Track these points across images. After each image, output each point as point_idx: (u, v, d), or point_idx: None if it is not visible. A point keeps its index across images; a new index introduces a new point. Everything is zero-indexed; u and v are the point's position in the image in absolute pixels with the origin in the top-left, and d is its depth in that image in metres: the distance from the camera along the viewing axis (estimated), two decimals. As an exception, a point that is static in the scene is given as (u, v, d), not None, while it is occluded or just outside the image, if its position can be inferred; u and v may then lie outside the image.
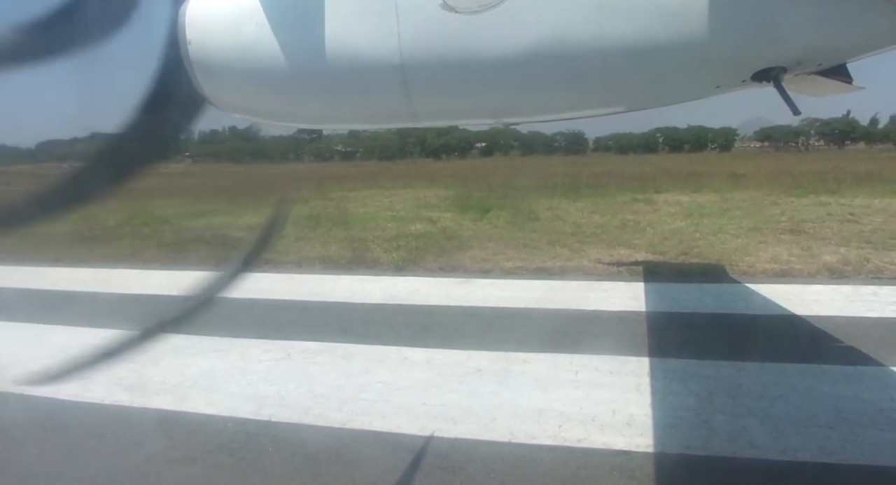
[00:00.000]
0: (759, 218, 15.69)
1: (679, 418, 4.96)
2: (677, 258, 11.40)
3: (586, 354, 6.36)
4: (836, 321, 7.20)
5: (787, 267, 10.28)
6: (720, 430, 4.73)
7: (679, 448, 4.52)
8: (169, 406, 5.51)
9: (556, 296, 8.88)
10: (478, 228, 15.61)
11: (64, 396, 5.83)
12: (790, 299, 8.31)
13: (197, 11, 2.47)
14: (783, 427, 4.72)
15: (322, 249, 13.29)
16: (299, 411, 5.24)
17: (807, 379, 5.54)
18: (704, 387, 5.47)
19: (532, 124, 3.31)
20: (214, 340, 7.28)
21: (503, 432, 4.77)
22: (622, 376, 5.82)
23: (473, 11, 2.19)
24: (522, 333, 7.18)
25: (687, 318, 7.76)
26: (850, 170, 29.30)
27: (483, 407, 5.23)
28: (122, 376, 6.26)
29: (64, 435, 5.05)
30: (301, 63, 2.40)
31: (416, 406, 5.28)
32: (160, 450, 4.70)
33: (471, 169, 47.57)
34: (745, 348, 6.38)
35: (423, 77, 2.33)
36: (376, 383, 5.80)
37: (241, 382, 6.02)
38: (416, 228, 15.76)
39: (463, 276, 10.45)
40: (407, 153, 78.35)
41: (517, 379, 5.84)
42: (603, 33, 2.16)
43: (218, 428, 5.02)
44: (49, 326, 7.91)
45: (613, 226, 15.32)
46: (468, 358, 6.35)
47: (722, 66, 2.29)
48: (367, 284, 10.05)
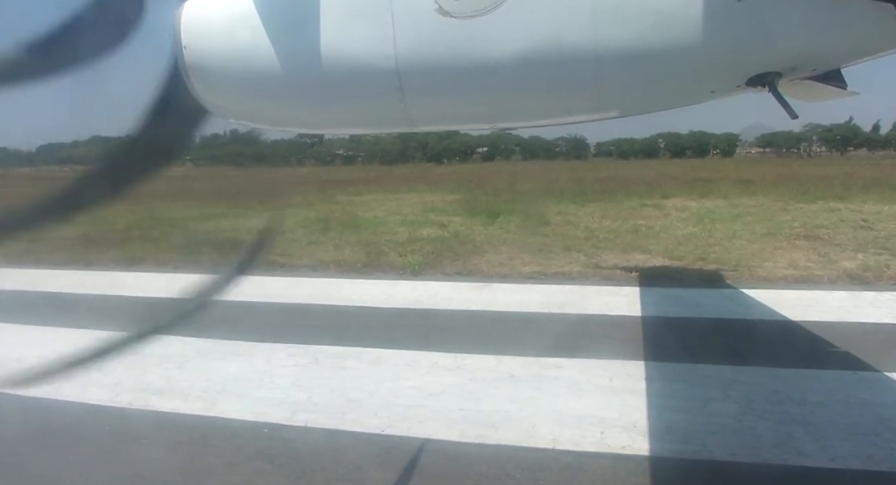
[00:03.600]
0: (771, 224, 15.66)
1: (721, 425, 4.89)
2: (695, 263, 11.35)
3: (617, 360, 6.28)
4: (866, 328, 7.16)
5: (807, 273, 10.23)
6: (765, 437, 4.66)
7: (726, 456, 4.44)
8: (201, 411, 5.42)
9: (579, 300, 8.82)
10: (489, 233, 15.55)
11: (92, 400, 5.77)
12: (815, 306, 8.27)
13: (192, 16, 2.46)
14: (828, 434, 4.65)
15: (335, 252, 13.23)
16: (335, 417, 5.16)
17: (846, 386, 5.48)
18: (743, 393, 5.40)
19: (527, 129, 3.32)
20: (237, 344, 7.21)
21: (546, 438, 4.69)
22: (656, 382, 5.74)
23: (469, 16, 2.19)
24: (549, 339, 7.12)
25: (713, 323, 7.70)
26: (857, 176, 29.34)
27: (522, 413, 5.16)
28: (149, 380, 6.21)
29: (98, 440, 4.96)
30: (296, 68, 2.40)
31: (454, 412, 5.21)
32: (198, 456, 4.61)
33: (473, 173, 47.61)
34: (778, 355, 6.34)
35: (419, 82, 2.33)
36: (409, 389, 5.73)
37: (270, 386, 5.94)
38: (427, 233, 15.71)
39: (481, 280, 10.39)
40: (408, 157, 78.37)
41: (552, 384, 5.77)
42: (598, 38, 2.17)
43: (253, 434, 4.94)
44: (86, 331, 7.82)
45: (625, 231, 15.28)
46: (499, 363, 6.29)
47: (716, 71, 2.30)
48: (385, 289, 9.98)
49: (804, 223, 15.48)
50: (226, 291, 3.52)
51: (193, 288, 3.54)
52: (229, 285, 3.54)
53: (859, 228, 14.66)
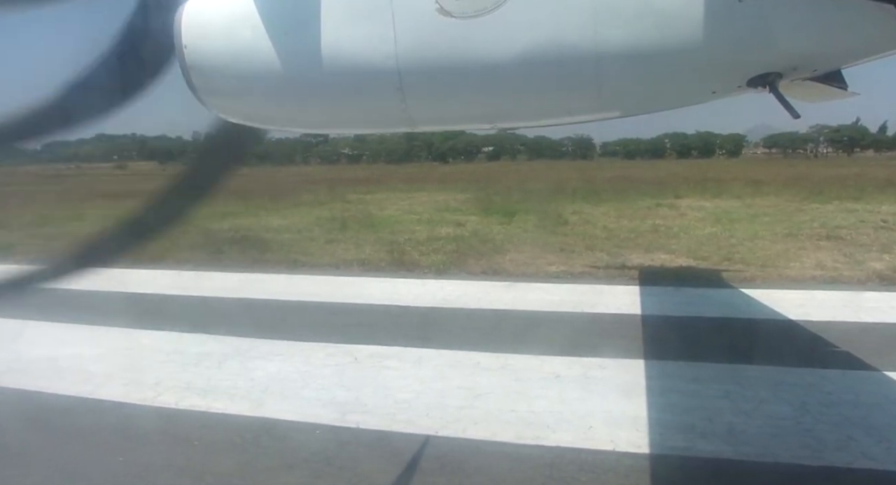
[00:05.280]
0: (791, 224, 15.60)
1: (779, 426, 4.83)
2: (721, 264, 11.28)
3: (661, 361, 6.23)
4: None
5: (836, 274, 10.17)
6: (827, 440, 4.60)
7: (788, 458, 4.38)
8: (248, 412, 5.36)
9: (611, 301, 8.75)
10: (508, 232, 15.50)
11: (133, 400, 5.72)
12: (849, 307, 8.21)
13: (192, 16, 2.46)
14: (890, 437, 4.59)
15: (356, 251, 13.18)
16: (386, 418, 5.10)
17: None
18: (797, 396, 5.34)
19: (528, 129, 3.33)
20: (272, 343, 7.16)
21: (604, 440, 4.63)
22: (705, 383, 5.68)
23: (469, 16, 2.18)
24: (587, 338, 7.04)
25: (752, 324, 7.64)
26: (869, 177, 29.25)
27: (574, 414, 5.10)
28: (189, 379, 6.16)
29: (148, 441, 4.90)
30: (297, 68, 2.40)
31: (505, 413, 5.15)
32: (254, 457, 4.55)
33: (480, 173, 47.59)
34: (824, 356, 6.29)
35: (419, 82, 2.32)
36: (456, 389, 5.67)
37: (314, 386, 5.88)
38: (445, 232, 15.66)
39: (508, 280, 10.33)
40: (413, 157, 78.31)
41: (599, 385, 5.71)
42: (598, 38, 2.16)
43: (306, 435, 4.87)
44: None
45: (645, 230, 15.22)
46: (542, 363, 6.22)
47: (717, 71, 2.30)
48: (413, 288, 9.93)
49: (824, 224, 15.42)
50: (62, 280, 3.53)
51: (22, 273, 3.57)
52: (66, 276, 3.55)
53: (880, 228, 14.60)
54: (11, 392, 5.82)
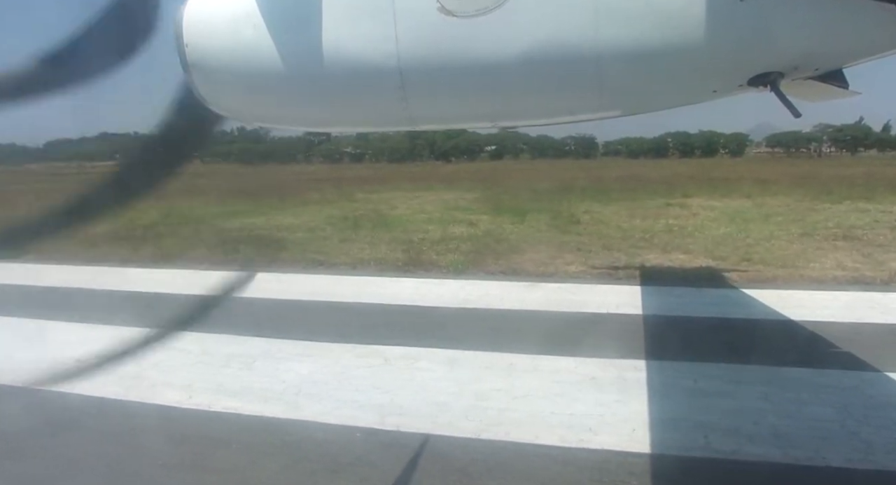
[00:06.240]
0: (805, 224, 15.53)
1: (826, 429, 4.78)
2: (740, 264, 11.21)
3: (696, 362, 6.17)
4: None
5: (858, 274, 10.10)
6: (876, 443, 4.55)
7: (840, 462, 4.33)
8: (284, 414, 5.30)
9: (636, 301, 8.70)
10: (521, 231, 15.44)
11: (165, 401, 5.67)
12: (875, 309, 8.15)
13: (194, 14, 2.46)
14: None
15: (371, 251, 13.12)
16: (426, 420, 5.05)
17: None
18: (839, 397, 5.28)
19: (529, 128, 3.32)
20: (300, 344, 7.11)
21: (651, 443, 4.58)
22: (744, 384, 5.62)
23: (470, 15, 2.19)
24: (618, 339, 6.98)
25: (783, 326, 7.56)
26: (876, 176, 29.18)
27: (616, 417, 5.05)
28: (221, 381, 6.11)
29: (185, 442, 4.85)
30: (298, 66, 2.41)
31: (546, 415, 5.10)
32: (295, 461, 4.50)
33: (484, 172, 47.47)
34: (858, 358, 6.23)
35: (421, 81, 2.34)
36: (493, 391, 5.62)
37: (347, 388, 5.83)
38: (458, 231, 15.60)
39: (528, 279, 10.27)
40: (416, 156, 78.16)
41: (636, 387, 5.65)
42: (599, 37, 2.18)
43: (347, 438, 4.82)
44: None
45: (659, 230, 15.15)
46: (577, 365, 6.17)
47: (718, 70, 2.31)
48: (433, 288, 9.87)
49: (838, 224, 15.35)
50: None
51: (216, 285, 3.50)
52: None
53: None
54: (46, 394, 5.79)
